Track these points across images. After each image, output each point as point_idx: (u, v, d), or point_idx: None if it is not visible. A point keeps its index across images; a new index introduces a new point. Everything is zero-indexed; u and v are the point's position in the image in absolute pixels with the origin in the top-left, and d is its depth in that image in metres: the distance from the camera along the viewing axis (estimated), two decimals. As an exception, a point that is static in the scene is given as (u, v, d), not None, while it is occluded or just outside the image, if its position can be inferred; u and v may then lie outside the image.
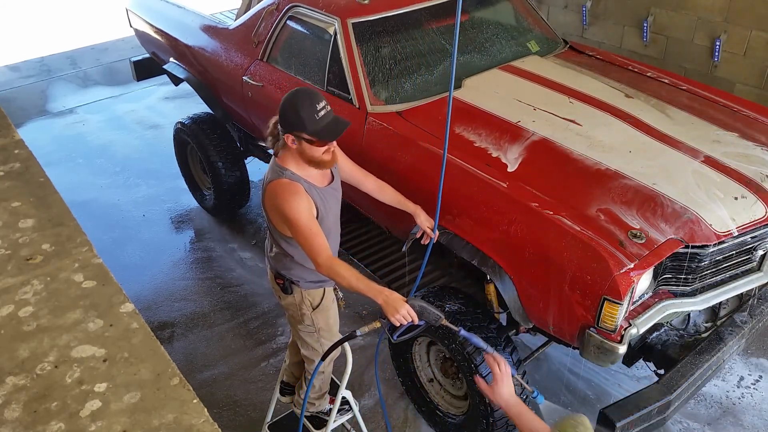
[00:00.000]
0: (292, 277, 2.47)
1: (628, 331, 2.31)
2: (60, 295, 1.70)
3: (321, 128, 2.15)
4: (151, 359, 1.50)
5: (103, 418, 1.35)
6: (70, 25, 9.54)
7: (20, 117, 6.77)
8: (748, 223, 2.49)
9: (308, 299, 2.51)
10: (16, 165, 2.31)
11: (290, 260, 2.43)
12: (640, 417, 2.41)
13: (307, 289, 2.50)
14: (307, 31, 3.60)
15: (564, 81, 3.30)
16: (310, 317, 2.55)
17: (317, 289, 2.52)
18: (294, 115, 2.13)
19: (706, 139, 2.86)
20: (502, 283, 2.57)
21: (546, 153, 2.80)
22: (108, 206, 5.22)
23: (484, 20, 3.75)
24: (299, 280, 2.47)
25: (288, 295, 2.51)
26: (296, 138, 2.17)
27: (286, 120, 2.17)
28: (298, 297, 2.50)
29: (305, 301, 2.51)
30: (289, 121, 2.16)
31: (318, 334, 2.60)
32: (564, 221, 2.39)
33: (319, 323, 2.58)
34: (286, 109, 2.17)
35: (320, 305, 2.54)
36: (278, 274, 2.50)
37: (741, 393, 3.33)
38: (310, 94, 2.18)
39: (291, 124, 2.16)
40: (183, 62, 4.64)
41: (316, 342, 2.63)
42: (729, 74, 4.78)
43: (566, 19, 5.81)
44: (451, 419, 3.05)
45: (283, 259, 2.45)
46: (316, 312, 2.54)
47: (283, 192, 2.19)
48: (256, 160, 4.90)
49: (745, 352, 3.54)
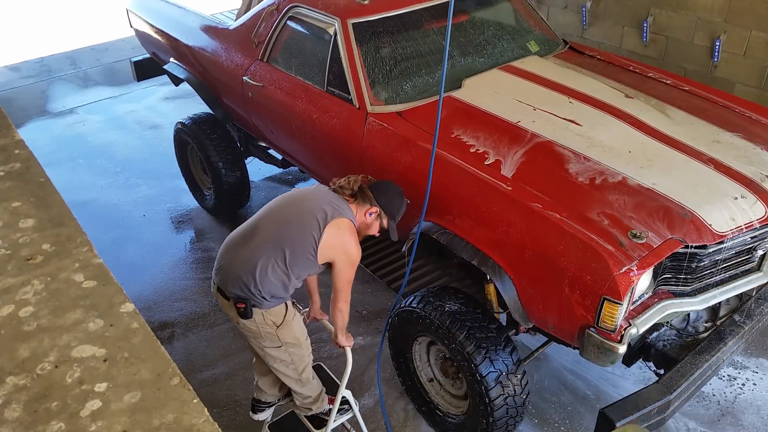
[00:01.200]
0: (250, 297, 2.36)
1: (628, 331, 2.31)
2: (60, 295, 1.70)
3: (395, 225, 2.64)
4: (151, 359, 1.50)
5: (103, 418, 1.35)
6: (70, 26, 9.54)
7: (20, 117, 6.78)
8: (748, 223, 2.49)
9: (270, 319, 2.43)
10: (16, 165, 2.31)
11: (267, 273, 2.35)
12: (640, 417, 2.41)
13: (268, 309, 2.41)
14: (308, 31, 3.60)
15: (564, 81, 3.30)
16: (275, 334, 2.47)
17: (278, 306, 2.45)
18: (400, 204, 2.60)
19: (706, 139, 2.86)
20: (502, 283, 2.57)
21: (546, 153, 2.80)
22: (108, 206, 5.22)
23: (484, 20, 3.76)
24: (255, 299, 2.37)
25: (248, 320, 2.41)
26: (377, 215, 2.56)
27: (390, 201, 2.57)
28: (258, 318, 2.41)
29: (267, 321, 2.43)
30: (391, 203, 2.58)
31: (285, 347, 2.53)
32: (564, 221, 2.40)
33: (286, 338, 2.50)
34: (396, 195, 2.61)
35: (283, 322, 2.47)
36: (240, 298, 2.37)
37: (739, 392, 3.33)
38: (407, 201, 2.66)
39: (390, 206, 2.57)
40: (183, 62, 4.65)
41: (284, 354, 2.54)
42: (729, 74, 4.78)
43: (566, 20, 5.81)
44: (451, 419, 3.05)
45: (264, 270, 2.34)
46: (280, 329, 2.47)
47: (354, 232, 2.47)
48: (256, 160, 4.90)
49: (744, 351, 3.55)
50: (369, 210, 2.52)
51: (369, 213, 2.52)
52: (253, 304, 2.38)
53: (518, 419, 2.81)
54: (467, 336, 2.66)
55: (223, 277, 2.43)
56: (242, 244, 2.43)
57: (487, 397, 2.66)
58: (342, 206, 2.45)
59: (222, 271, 2.45)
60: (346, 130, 3.25)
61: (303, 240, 2.36)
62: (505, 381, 2.66)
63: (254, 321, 2.42)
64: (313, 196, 2.49)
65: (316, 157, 3.64)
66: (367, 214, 2.52)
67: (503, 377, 2.65)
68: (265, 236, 2.40)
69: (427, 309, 2.79)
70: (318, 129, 3.42)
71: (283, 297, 2.44)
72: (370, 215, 2.52)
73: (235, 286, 2.38)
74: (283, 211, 2.46)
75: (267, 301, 2.39)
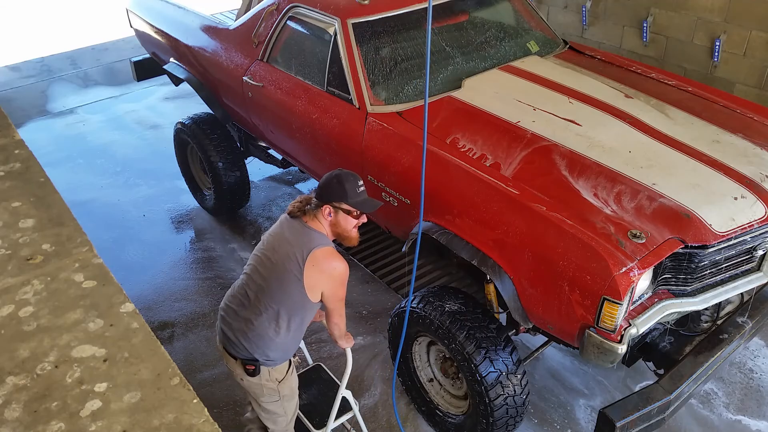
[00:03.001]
0: (260, 359, 2.37)
1: (628, 331, 2.31)
2: (60, 295, 1.70)
3: (361, 201, 2.37)
4: (151, 359, 1.50)
5: (103, 418, 1.35)
6: (70, 25, 9.54)
7: (20, 117, 6.78)
8: (748, 223, 2.49)
9: (274, 375, 2.44)
10: (16, 165, 2.31)
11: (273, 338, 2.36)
12: (639, 417, 2.41)
13: (273, 367, 2.42)
14: (308, 31, 3.60)
15: (564, 81, 3.30)
16: (276, 389, 2.48)
17: (283, 363, 2.46)
18: (339, 186, 2.33)
19: (706, 140, 2.86)
20: (502, 283, 2.57)
21: (546, 153, 2.80)
22: (108, 206, 5.22)
23: (483, 20, 3.76)
24: (267, 360, 2.39)
25: (254, 377, 2.41)
26: (334, 209, 2.35)
27: (329, 191, 2.34)
28: (265, 376, 2.42)
29: (271, 377, 2.44)
30: (332, 191, 2.33)
31: (281, 400, 2.53)
32: (564, 221, 2.40)
33: (284, 392, 2.52)
34: (329, 181, 2.35)
35: (285, 377, 2.49)
36: (249, 360, 2.37)
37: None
38: (353, 174, 2.39)
39: (334, 194, 2.33)
40: (183, 62, 4.65)
41: (280, 407, 2.55)
42: (729, 74, 4.78)
43: (566, 20, 5.81)
44: (451, 419, 3.05)
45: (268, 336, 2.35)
46: (281, 384, 2.48)
47: (337, 259, 2.34)
48: (256, 160, 4.90)
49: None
50: (324, 212, 2.37)
51: (328, 215, 2.36)
52: (261, 363, 2.38)
53: (518, 419, 2.81)
54: (467, 336, 2.66)
55: (226, 341, 2.44)
56: (237, 311, 2.41)
57: (487, 397, 2.66)
58: (306, 236, 2.34)
59: (224, 336, 2.44)
60: (346, 130, 3.25)
61: (290, 297, 2.32)
62: (505, 381, 2.66)
63: (260, 377, 2.42)
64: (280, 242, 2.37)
65: (316, 157, 3.64)
66: (326, 217, 2.37)
67: (503, 377, 2.65)
68: (255, 303, 2.36)
69: (427, 309, 2.80)
70: (318, 129, 3.42)
71: (292, 351, 2.45)
72: (330, 215, 2.36)
73: (241, 351, 2.39)
74: (262, 273, 2.37)
75: (274, 361, 2.40)
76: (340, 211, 2.35)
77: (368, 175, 3.15)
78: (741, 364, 3.50)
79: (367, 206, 2.39)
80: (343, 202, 2.33)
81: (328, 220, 2.37)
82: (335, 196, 2.33)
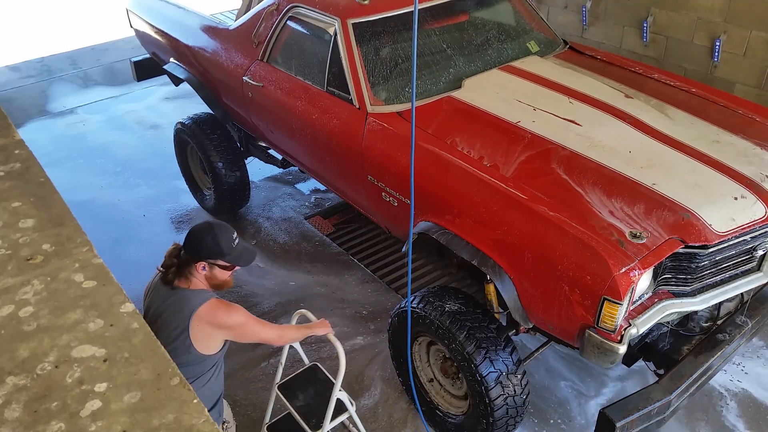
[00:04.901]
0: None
1: (628, 331, 2.31)
2: (60, 295, 1.70)
3: (237, 255, 2.30)
4: (151, 359, 1.50)
5: (103, 418, 1.35)
6: (70, 25, 9.54)
7: (20, 117, 6.78)
8: (748, 223, 2.49)
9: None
10: (16, 165, 2.31)
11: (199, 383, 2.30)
12: (639, 417, 2.41)
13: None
14: (308, 31, 3.60)
15: (564, 81, 3.30)
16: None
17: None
18: (214, 243, 2.23)
19: (706, 140, 2.86)
20: (502, 283, 2.57)
21: (546, 153, 2.80)
22: (108, 206, 5.22)
23: (484, 20, 3.76)
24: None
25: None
26: (209, 265, 2.26)
27: (203, 249, 2.24)
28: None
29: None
30: (207, 249, 2.24)
31: None
32: (564, 221, 2.40)
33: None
34: (202, 238, 2.24)
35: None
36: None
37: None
38: (225, 225, 2.31)
39: (209, 252, 2.24)
40: (183, 62, 4.65)
41: None
42: (729, 74, 4.78)
43: (566, 20, 5.81)
44: (451, 419, 3.05)
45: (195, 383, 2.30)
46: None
47: (220, 306, 2.26)
48: (256, 160, 4.90)
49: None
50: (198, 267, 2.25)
51: (202, 269, 2.26)
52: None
53: (518, 419, 2.81)
54: (467, 336, 2.66)
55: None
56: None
57: (487, 397, 2.66)
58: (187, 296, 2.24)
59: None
60: (346, 130, 3.25)
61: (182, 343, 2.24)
62: (505, 381, 2.66)
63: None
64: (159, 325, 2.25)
65: (316, 157, 3.64)
66: (200, 271, 2.26)
67: (503, 377, 2.66)
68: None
69: (427, 309, 2.80)
70: (318, 129, 3.42)
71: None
72: (204, 270, 2.26)
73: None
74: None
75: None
76: (215, 266, 2.27)
77: (368, 175, 3.15)
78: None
79: (243, 260, 2.33)
80: (219, 259, 2.26)
81: (202, 273, 2.27)
82: (210, 253, 2.24)
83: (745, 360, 3.53)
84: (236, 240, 2.31)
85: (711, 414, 3.24)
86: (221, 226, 2.29)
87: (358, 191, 3.38)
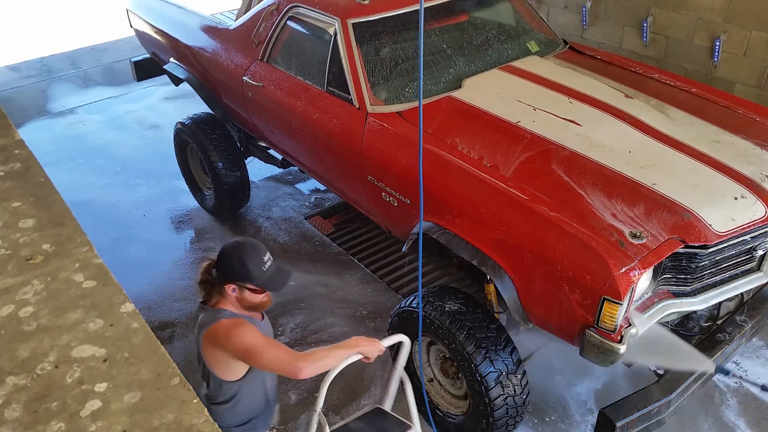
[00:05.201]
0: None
1: (628, 331, 2.31)
2: (60, 295, 1.70)
3: (267, 279, 2.11)
4: (151, 359, 1.50)
5: (103, 418, 1.35)
6: (70, 25, 9.54)
7: (20, 117, 6.77)
8: (748, 223, 2.49)
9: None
10: (16, 165, 2.31)
11: (223, 410, 2.21)
12: (639, 417, 2.41)
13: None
14: (308, 31, 3.60)
15: (564, 81, 3.30)
16: None
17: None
18: (240, 267, 2.07)
19: (706, 140, 2.86)
20: (502, 283, 2.57)
21: (546, 153, 2.80)
22: (108, 206, 5.22)
23: (484, 20, 3.76)
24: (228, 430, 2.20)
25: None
26: (239, 288, 2.11)
27: (231, 271, 2.09)
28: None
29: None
30: (234, 272, 2.09)
31: None
32: (564, 221, 2.40)
33: None
34: (231, 261, 2.09)
35: None
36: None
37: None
38: (255, 245, 2.13)
39: (237, 275, 2.09)
40: (183, 62, 4.65)
41: None
42: (729, 74, 4.78)
43: (566, 20, 5.81)
44: (451, 419, 3.05)
45: (217, 412, 2.20)
46: None
47: (229, 329, 2.06)
48: (256, 160, 4.90)
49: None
50: (228, 290, 2.12)
51: (232, 291, 2.12)
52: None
53: (518, 419, 2.81)
54: (467, 336, 2.66)
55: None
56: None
57: (487, 397, 2.66)
58: (205, 315, 2.15)
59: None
60: (346, 130, 3.25)
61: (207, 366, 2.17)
62: (505, 381, 2.66)
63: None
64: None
65: (316, 158, 3.64)
66: (231, 293, 2.12)
67: (503, 377, 2.65)
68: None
69: (427, 309, 2.79)
70: (318, 129, 3.42)
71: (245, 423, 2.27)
72: (234, 292, 2.11)
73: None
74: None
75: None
76: (245, 289, 2.11)
77: (368, 175, 3.15)
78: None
79: (274, 284, 2.14)
80: (249, 283, 2.09)
81: (233, 295, 2.13)
82: (238, 276, 2.08)
83: (745, 360, 3.53)
84: (267, 262, 2.11)
85: (712, 413, 3.24)
86: (250, 246, 2.11)
87: (358, 191, 3.38)
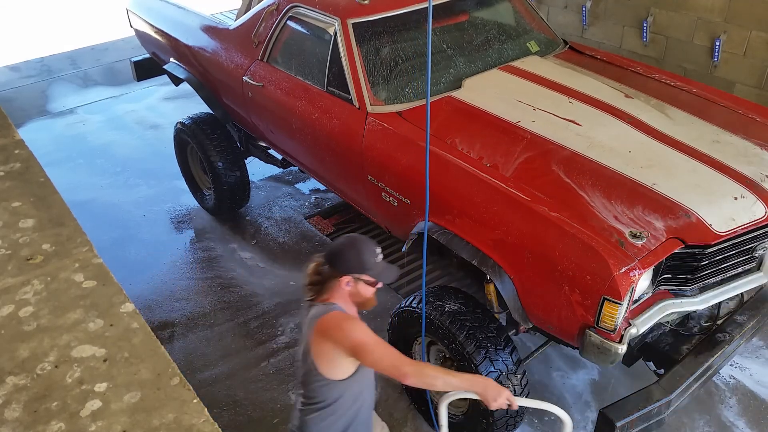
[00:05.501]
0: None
1: (628, 331, 2.31)
2: (60, 295, 1.70)
3: (381, 270, 2.19)
4: (151, 359, 1.50)
5: (103, 418, 1.35)
6: (70, 25, 9.54)
7: (20, 117, 6.78)
8: (748, 223, 2.49)
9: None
10: (16, 165, 2.31)
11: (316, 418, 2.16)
12: (640, 417, 2.41)
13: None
14: (308, 31, 3.60)
15: (564, 81, 3.30)
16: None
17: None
18: (357, 258, 2.13)
19: (706, 139, 2.86)
20: (502, 283, 2.57)
21: (546, 153, 2.80)
22: (108, 206, 5.22)
23: (484, 20, 3.76)
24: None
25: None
26: (355, 280, 2.15)
27: (347, 264, 2.14)
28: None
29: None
30: (351, 264, 2.14)
31: None
32: (564, 221, 2.40)
33: None
34: (346, 253, 2.15)
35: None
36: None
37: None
38: (367, 239, 2.22)
39: (353, 267, 2.14)
40: (183, 62, 4.65)
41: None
42: (729, 74, 4.79)
43: (566, 20, 5.81)
44: (450, 419, 3.05)
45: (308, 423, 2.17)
46: None
47: (341, 320, 2.07)
48: (256, 160, 4.91)
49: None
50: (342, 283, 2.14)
51: (347, 284, 2.14)
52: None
53: (518, 419, 2.81)
54: (467, 336, 2.66)
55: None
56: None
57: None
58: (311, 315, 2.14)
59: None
60: (346, 130, 3.25)
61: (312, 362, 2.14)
62: (505, 381, 2.66)
63: None
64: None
65: (316, 158, 3.64)
66: (345, 287, 2.14)
67: (503, 377, 2.65)
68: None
69: (428, 309, 2.79)
70: (318, 129, 3.42)
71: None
72: (348, 285, 2.14)
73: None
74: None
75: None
76: (360, 281, 2.15)
77: (368, 175, 3.15)
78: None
79: (387, 276, 2.21)
80: (364, 274, 2.14)
81: (347, 290, 2.16)
82: (354, 268, 2.13)
83: (744, 360, 3.54)
84: (380, 255, 2.19)
85: (712, 412, 3.24)
86: (363, 239, 2.19)
87: (358, 191, 3.38)
